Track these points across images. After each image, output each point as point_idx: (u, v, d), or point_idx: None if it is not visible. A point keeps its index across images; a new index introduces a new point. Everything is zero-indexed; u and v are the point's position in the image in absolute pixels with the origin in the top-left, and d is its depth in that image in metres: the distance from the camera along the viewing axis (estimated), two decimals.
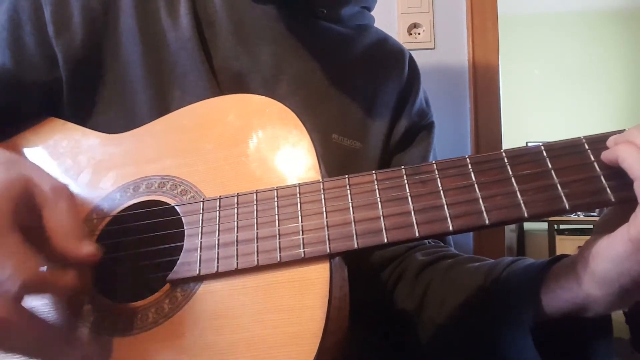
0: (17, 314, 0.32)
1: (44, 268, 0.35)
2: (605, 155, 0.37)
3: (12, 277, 0.32)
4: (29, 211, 0.37)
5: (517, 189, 0.37)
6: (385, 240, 0.37)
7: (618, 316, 3.32)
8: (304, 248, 0.38)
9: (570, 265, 0.41)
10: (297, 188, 0.41)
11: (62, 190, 0.38)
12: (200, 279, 0.40)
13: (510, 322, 0.45)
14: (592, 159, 0.37)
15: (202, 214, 0.42)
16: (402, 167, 0.40)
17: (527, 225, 3.73)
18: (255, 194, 0.42)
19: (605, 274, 0.37)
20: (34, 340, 0.34)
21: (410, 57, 0.72)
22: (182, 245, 0.41)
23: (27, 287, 0.33)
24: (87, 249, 0.37)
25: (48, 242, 0.36)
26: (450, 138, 1.24)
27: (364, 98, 0.64)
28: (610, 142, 0.38)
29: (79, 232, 0.38)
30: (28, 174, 0.37)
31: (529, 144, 0.40)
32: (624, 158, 0.36)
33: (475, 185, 0.38)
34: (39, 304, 0.40)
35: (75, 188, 0.47)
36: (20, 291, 0.32)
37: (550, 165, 0.38)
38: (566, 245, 3.25)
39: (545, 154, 0.38)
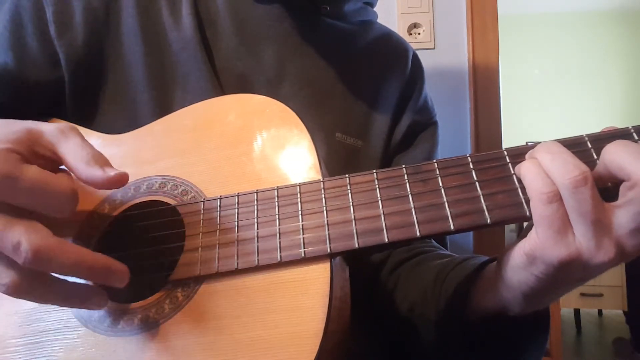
0: (56, 241, 0.33)
1: None
2: (516, 170, 0.37)
3: (60, 199, 0.34)
4: (38, 159, 0.37)
5: (518, 187, 0.37)
6: (386, 240, 0.37)
7: (618, 316, 3.32)
8: (304, 247, 0.38)
9: (495, 267, 0.42)
10: (298, 187, 0.41)
11: (69, 128, 0.39)
12: (200, 279, 0.40)
13: (438, 322, 0.48)
14: (595, 157, 0.37)
15: (203, 214, 0.42)
16: (403, 166, 0.40)
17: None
18: (255, 194, 0.42)
19: (509, 281, 0.38)
20: (73, 265, 0.34)
21: (415, 55, 0.71)
22: (183, 245, 0.41)
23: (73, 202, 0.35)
24: (113, 171, 0.37)
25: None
26: (450, 138, 1.24)
27: (367, 95, 0.64)
28: (527, 155, 0.38)
29: (100, 158, 0.38)
30: (32, 125, 0.37)
31: (529, 144, 0.39)
32: (524, 175, 0.36)
33: (477, 184, 0.38)
34: None
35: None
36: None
37: None
38: None
39: None
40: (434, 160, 0.40)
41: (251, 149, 0.45)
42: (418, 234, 0.37)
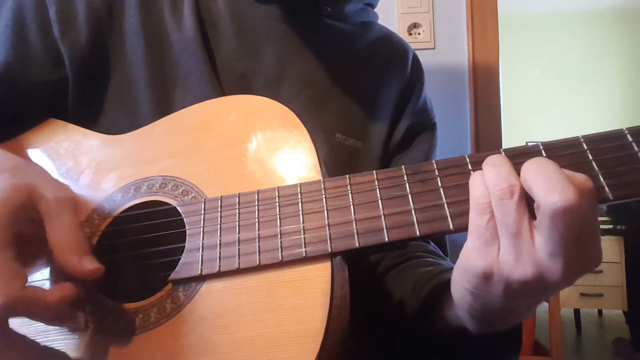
0: (28, 295, 0.33)
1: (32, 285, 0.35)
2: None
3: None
4: (31, 220, 0.36)
5: None
6: (386, 239, 0.37)
7: (618, 316, 3.32)
8: (305, 247, 0.38)
9: None
10: (298, 188, 0.41)
11: (66, 202, 0.38)
12: (202, 278, 0.40)
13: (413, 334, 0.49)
14: (591, 157, 0.37)
15: (204, 214, 0.42)
16: (402, 166, 0.40)
17: None
18: (256, 194, 0.42)
19: (454, 297, 0.39)
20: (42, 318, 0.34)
21: (415, 56, 0.72)
22: (184, 245, 0.41)
23: (8, 309, 0.32)
24: (89, 265, 0.37)
25: (49, 253, 0.36)
26: (450, 138, 1.24)
27: (367, 96, 0.64)
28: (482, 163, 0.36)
29: (81, 247, 0.37)
30: (33, 182, 0.37)
31: (529, 144, 0.40)
32: (470, 184, 0.35)
33: None
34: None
35: (77, 189, 0.47)
36: (1, 313, 0.32)
37: None
38: None
39: (544, 153, 0.38)
40: (433, 161, 0.40)
41: (251, 149, 0.45)
42: (418, 233, 0.37)
